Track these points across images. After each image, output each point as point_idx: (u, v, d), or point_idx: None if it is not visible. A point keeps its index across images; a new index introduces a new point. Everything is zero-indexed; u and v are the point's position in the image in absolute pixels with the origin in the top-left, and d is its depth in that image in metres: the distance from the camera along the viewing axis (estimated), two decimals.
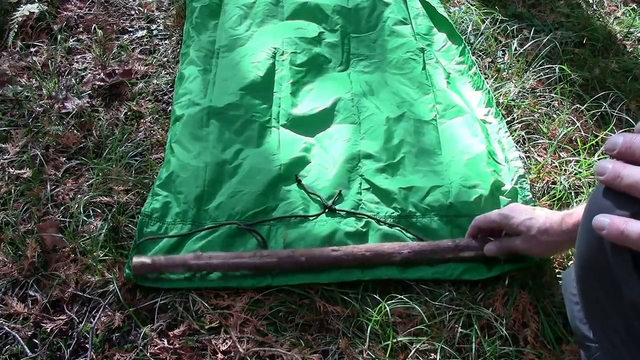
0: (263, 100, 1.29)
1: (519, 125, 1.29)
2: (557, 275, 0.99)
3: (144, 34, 1.56)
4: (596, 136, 1.26)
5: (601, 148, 1.23)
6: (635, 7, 1.75)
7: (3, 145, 1.22)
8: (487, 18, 1.61)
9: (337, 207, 1.07)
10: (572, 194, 1.14)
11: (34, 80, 1.38)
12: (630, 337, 0.50)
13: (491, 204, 1.08)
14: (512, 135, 1.25)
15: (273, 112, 1.27)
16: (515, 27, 1.58)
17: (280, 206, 1.08)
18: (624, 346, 0.51)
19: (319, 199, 1.09)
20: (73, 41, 1.52)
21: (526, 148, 1.25)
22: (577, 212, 0.83)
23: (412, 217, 1.07)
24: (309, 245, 1.01)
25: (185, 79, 1.34)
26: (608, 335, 0.52)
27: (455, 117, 1.27)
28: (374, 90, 1.34)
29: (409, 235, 1.03)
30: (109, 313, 0.93)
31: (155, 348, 0.88)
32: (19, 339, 0.89)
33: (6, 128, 1.26)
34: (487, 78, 1.42)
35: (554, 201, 1.12)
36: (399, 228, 1.04)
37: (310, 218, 1.05)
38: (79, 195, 1.10)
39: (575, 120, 1.30)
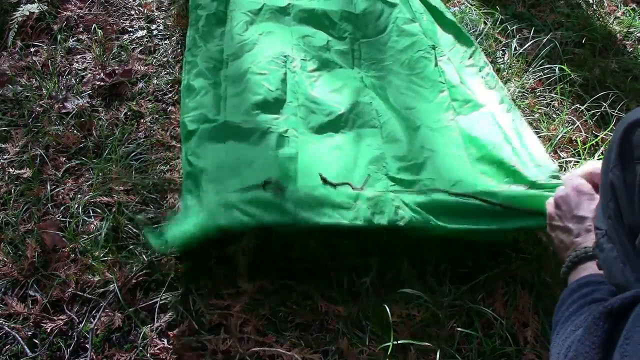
0: (278, 113, 1.26)
1: None
2: (558, 275, 0.99)
3: (144, 34, 1.56)
4: (596, 136, 1.26)
5: (601, 148, 1.23)
6: (635, 7, 1.75)
7: (3, 145, 1.22)
8: (487, 18, 1.61)
9: (367, 189, 1.05)
10: None
11: (34, 80, 1.38)
12: (618, 224, 0.63)
13: (516, 195, 1.05)
14: None
15: (290, 122, 1.24)
16: (515, 27, 1.58)
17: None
18: (616, 234, 0.64)
19: (348, 185, 1.05)
20: (73, 41, 1.52)
21: None
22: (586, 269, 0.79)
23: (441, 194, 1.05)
24: (326, 206, 0.99)
25: (196, 92, 1.30)
26: (609, 224, 0.66)
27: (472, 112, 1.25)
28: (388, 94, 1.33)
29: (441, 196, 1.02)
30: (109, 313, 0.93)
31: (155, 348, 0.88)
32: (19, 339, 0.89)
33: (6, 128, 1.26)
34: None
35: None
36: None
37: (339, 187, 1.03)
38: (79, 195, 1.10)
39: (575, 120, 1.30)
